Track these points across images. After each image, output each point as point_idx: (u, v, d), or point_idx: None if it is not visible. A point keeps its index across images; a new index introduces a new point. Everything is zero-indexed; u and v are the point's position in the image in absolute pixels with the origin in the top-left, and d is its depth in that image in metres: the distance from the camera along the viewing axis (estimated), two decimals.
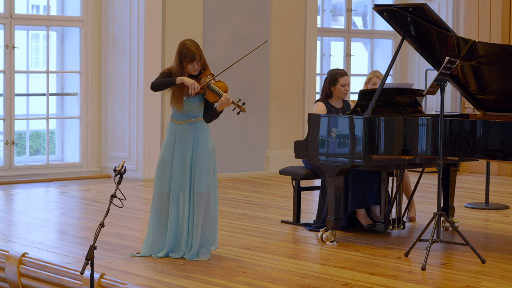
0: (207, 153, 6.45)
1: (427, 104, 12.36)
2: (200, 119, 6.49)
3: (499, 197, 9.90)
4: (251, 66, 11.56)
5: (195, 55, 6.36)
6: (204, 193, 6.41)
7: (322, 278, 5.97)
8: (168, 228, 6.46)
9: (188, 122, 6.47)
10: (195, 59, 6.37)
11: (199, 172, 6.41)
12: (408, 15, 7.09)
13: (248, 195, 9.80)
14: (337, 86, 7.73)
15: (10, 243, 6.95)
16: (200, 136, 6.46)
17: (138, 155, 10.74)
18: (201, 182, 6.41)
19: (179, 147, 6.46)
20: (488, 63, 7.16)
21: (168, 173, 6.46)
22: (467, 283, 5.88)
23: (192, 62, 6.38)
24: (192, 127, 6.46)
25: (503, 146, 6.60)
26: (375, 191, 7.59)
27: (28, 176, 10.66)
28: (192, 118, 6.47)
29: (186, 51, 6.36)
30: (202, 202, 6.40)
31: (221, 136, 11.36)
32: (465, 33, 12.17)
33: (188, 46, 6.38)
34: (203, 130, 6.48)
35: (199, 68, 6.44)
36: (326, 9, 12.80)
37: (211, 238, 6.48)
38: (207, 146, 6.47)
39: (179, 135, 6.47)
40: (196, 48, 6.39)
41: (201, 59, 6.41)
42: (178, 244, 6.45)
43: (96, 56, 11.09)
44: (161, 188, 6.48)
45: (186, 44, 6.41)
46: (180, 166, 6.43)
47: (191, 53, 6.36)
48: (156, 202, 6.50)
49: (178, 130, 6.47)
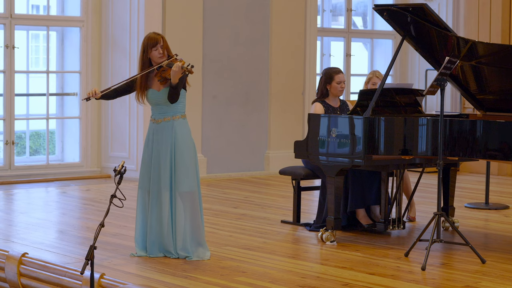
0: (187, 152, 6.44)
1: (427, 104, 12.36)
2: (177, 117, 6.46)
3: (499, 197, 9.90)
4: (251, 66, 11.56)
5: (157, 39, 6.41)
6: (188, 192, 6.42)
7: (322, 278, 5.97)
8: (148, 226, 6.48)
9: (165, 120, 6.46)
10: (158, 43, 6.40)
11: (180, 171, 6.40)
12: (408, 15, 7.09)
13: (248, 195, 9.80)
14: (333, 84, 7.72)
15: (10, 243, 6.95)
16: (178, 135, 6.43)
17: (138, 155, 10.73)
18: (184, 182, 6.41)
19: (155, 146, 6.47)
20: (488, 63, 7.16)
21: (147, 172, 6.50)
22: (467, 283, 5.88)
23: (155, 46, 6.40)
24: (168, 126, 6.44)
25: (503, 146, 6.60)
26: (375, 191, 7.59)
27: (28, 176, 10.66)
28: (168, 117, 6.46)
29: (147, 39, 6.44)
30: (187, 202, 6.41)
31: (221, 136, 11.36)
32: (465, 33, 12.17)
33: (148, 35, 6.48)
34: (182, 128, 6.45)
35: (163, 52, 6.43)
36: (326, 9, 12.80)
37: (202, 233, 6.49)
38: (187, 144, 6.45)
39: (156, 134, 6.48)
40: (157, 34, 6.46)
41: (164, 43, 6.43)
42: (161, 243, 6.46)
43: (96, 56, 11.09)
44: (143, 187, 6.52)
45: (147, 34, 6.50)
46: (156, 165, 6.44)
47: (153, 39, 6.41)
48: (139, 200, 6.54)
49: (155, 129, 6.49)
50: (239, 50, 11.42)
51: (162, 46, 6.42)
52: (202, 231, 6.51)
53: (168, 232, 6.43)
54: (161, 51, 6.42)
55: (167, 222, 6.41)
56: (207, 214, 8.24)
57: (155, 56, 6.42)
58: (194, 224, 6.45)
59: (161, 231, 6.46)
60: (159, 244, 6.48)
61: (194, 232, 6.45)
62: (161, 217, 6.44)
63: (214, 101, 11.27)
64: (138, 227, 6.55)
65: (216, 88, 11.27)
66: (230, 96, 11.37)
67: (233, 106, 11.41)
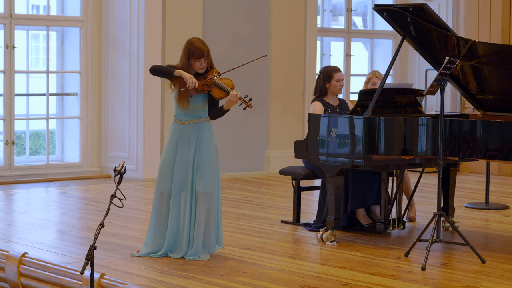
0: (209, 153, 6.45)
1: (427, 104, 12.36)
2: (203, 120, 6.49)
3: (499, 197, 9.90)
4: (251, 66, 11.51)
5: (204, 51, 6.39)
6: (206, 192, 6.41)
7: (322, 278, 5.97)
8: (168, 228, 6.46)
9: (192, 122, 6.47)
10: (203, 56, 6.38)
11: (201, 172, 6.41)
12: (408, 15, 7.09)
13: (248, 195, 9.80)
14: (332, 82, 7.72)
15: (10, 243, 6.95)
16: (203, 136, 6.46)
17: (138, 155, 10.74)
18: (203, 182, 6.41)
19: (181, 147, 6.46)
20: (488, 63, 7.16)
21: (169, 174, 6.47)
22: (467, 283, 5.88)
23: (200, 59, 6.38)
24: (195, 128, 6.46)
25: (503, 146, 6.60)
26: (375, 191, 7.59)
27: (28, 176, 10.66)
28: (196, 119, 6.47)
29: (194, 49, 6.40)
30: (204, 202, 6.39)
31: (221, 136, 11.36)
32: (465, 33, 12.17)
33: (196, 43, 6.43)
34: (206, 130, 6.48)
35: (206, 66, 6.44)
36: (326, 9, 12.80)
37: (212, 238, 6.48)
38: (210, 146, 6.47)
39: (182, 135, 6.47)
40: (204, 46, 6.43)
41: (208, 56, 6.42)
42: (179, 244, 6.44)
43: (96, 56, 11.09)
44: (162, 188, 6.48)
45: (193, 41, 6.44)
46: (182, 167, 6.43)
47: (200, 50, 6.39)
48: (156, 203, 6.51)
49: (181, 130, 6.48)
50: (239, 50, 11.42)
51: (206, 59, 6.42)
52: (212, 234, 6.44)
53: (186, 232, 6.41)
54: (204, 64, 6.42)
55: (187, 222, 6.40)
56: None
57: (196, 67, 6.43)
58: (207, 225, 6.42)
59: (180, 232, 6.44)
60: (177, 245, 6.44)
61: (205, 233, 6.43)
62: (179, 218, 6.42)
63: None
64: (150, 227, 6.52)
65: None
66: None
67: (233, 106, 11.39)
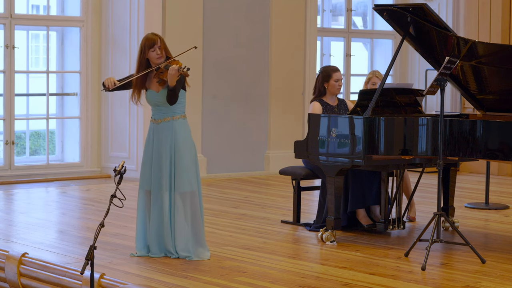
0: (187, 152, 6.44)
1: (427, 104, 12.36)
2: (176, 117, 6.45)
3: (499, 197, 9.90)
4: (251, 66, 11.56)
5: (155, 39, 6.39)
6: (188, 192, 6.42)
7: (322, 278, 5.97)
8: (149, 226, 6.48)
9: (165, 120, 6.46)
10: (156, 43, 6.38)
11: (180, 172, 6.40)
12: (408, 15, 7.09)
13: (248, 195, 9.80)
14: (331, 82, 7.72)
15: (10, 243, 6.95)
16: (179, 135, 6.43)
17: (138, 155, 10.73)
18: (184, 182, 6.41)
19: (156, 146, 6.47)
20: (488, 63, 7.16)
21: (148, 173, 6.50)
22: (467, 283, 5.88)
23: (153, 47, 6.38)
24: (168, 126, 6.44)
25: (503, 146, 6.60)
26: (375, 191, 7.59)
27: (28, 176, 10.66)
28: (169, 117, 6.45)
29: (145, 40, 6.43)
30: (187, 202, 6.41)
31: (221, 136, 11.36)
32: (465, 33, 12.17)
33: (147, 35, 6.47)
34: (181, 129, 6.45)
35: (162, 54, 6.42)
36: (326, 9, 12.80)
37: (203, 235, 6.49)
38: (187, 145, 6.45)
39: (156, 134, 6.48)
40: (155, 35, 6.45)
41: (162, 44, 6.41)
42: (162, 243, 6.46)
43: (96, 56, 11.09)
44: (144, 187, 6.52)
45: (146, 35, 6.49)
46: (157, 165, 6.44)
47: (150, 40, 6.40)
48: (139, 200, 6.54)
49: (155, 129, 6.49)
50: (239, 50, 11.42)
51: (160, 47, 6.40)
52: (202, 231, 6.51)
53: (168, 232, 6.43)
54: (159, 52, 6.40)
55: (167, 222, 6.42)
56: (207, 214, 8.24)
57: (153, 57, 6.41)
58: (195, 224, 6.45)
59: (161, 231, 6.46)
60: (159, 244, 6.48)
61: (194, 232, 6.46)
62: (161, 217, 6.44)
63: (214, 101, 11.27)
64: (138, 227, 6.55)
65: (216, 88, 11.26)
66: (230, 96, 11.36)
67: (233, 106, 11.41)
